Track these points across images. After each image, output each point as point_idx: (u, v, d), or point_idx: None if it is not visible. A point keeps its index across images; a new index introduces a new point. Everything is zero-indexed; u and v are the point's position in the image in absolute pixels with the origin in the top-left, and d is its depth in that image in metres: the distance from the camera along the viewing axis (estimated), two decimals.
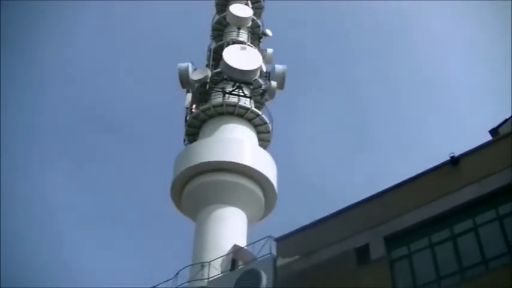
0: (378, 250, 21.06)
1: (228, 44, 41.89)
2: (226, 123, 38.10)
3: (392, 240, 21.05)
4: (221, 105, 38.57)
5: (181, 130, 40.15)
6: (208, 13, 47.46)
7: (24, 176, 78.95)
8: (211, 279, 27.00)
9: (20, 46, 69.71)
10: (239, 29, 44.22)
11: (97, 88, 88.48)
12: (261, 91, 40.83)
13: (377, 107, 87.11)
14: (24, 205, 72.11)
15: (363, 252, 21.50)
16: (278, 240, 24.89)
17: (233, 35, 43.90)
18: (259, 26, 45.99)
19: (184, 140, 39.72)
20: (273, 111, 40.82)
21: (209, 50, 43.94)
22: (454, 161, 20.96)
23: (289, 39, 70.77)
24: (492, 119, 27.99)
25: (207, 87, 40.20)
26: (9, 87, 65.90)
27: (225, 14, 44.88)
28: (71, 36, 77.43)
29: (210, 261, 28.62)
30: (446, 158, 21.18)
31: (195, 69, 40.72)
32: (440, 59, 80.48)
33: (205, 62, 42.91)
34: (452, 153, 21.10)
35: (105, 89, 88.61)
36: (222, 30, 45.41)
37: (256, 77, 40.44)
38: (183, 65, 40.62)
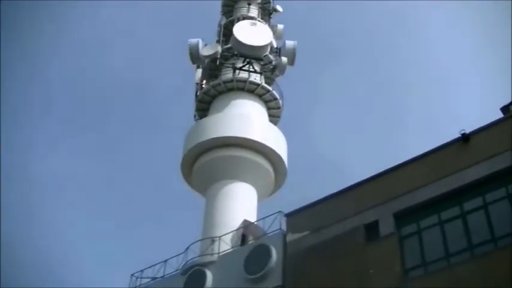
0: (387, 226, 21.19)
1: (239, 20, 41.69)
2: (236, 98, 38.06)
3: (402, 217, 21.16)
4: (231, 80, 38.52)
5: (191, 106, 40.27)
6: None
7: (31, 153, 79.58)
8: (221, 254, 27.19)
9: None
10: (249, 4, 43.93)
11: (108, 64, 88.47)
12: (272, 67, 40.79)
13: (390, 84, 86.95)
14: (26, 186, 72.66)
15: (372, 229, 21.64)
16: (288, 215, 25.06)
17: (243, 11, 43.61)
18: (269, 2, 45.66)
19: (195, 116, 39.79)
20: (283, 87, 40.89)
21: (219, 25, 43.69)
22: (465, 138, 20.95)
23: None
24: (504, 97, 27.87)
25: (217, 63, 40.13)
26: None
27: None
28: (77, 12, 77.06)
29: (220, 236, 28.77)
30: (457, 135, 21.20)
31: (205, 45, 40.64)
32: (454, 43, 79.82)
33: (216, 38, 42.76)
34: (463, 130, 21.07)
35: (115, 64, 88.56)
36: (232, 6, 45.09)
37: (267, 53, 40.38)
38: (193, 40, 40.59)
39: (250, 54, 39.20)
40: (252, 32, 39.63)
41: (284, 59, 40.35)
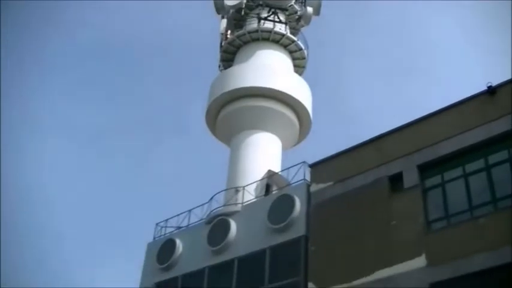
0: (411, 178, 21.15)
1: None
2: (261, 49, 37.97)
3: (426, 169, 21.11)
4: (256, 31, 38.38)
5: (216, 56, 40.24)
6: None
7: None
8: (245, 203, 27.44)
9: None
10: None
11: (131, 13, 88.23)
12: (297, 17, 40.54)
13: (418, 36, 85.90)
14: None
15: (396, 180, 21.62)
16: (312, 166, 25.13)
17: None
18: None
19: (219, 66, 39.82)
20: (308, 38, 40.66)
21: None
22: (491, 90, 20.65)
23: None
24: None
25: (242, 13, 39.95)
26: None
27: None
28: None
29: (244, 186, 29.03)
30: (483, 87, 20.95)
31: None
32: None
33: None
34: (490, 82, 20.80)
35: (140, 14, 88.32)
36: None
37: (292, 3, 40.15)
38: None
39: (275, 4, 39.02)
40: None
41: (309, 9, 40.08)
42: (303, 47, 39.18)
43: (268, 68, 36.18)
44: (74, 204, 76.26)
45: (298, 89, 35.93)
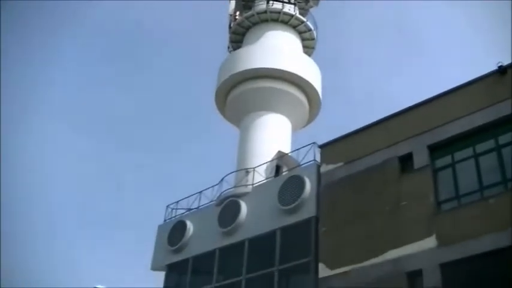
0: (421, 158, 21.12)
1: None
2: (270, 30, 37.89)
3: (436, 149, 21.07)
4: (265, 11, 38.27)
5: (225, 37, 40.17)
6: None
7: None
8: (255, 184, 27.47)
9: None
10: None
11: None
12: None
13: (428, 16, 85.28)
14: None
15: (406, 161, 21.61)
16: (322, 147, 25.12)
17: None
18: None
19: (229, 47, 39.78)
20: (317, 18, 40.51)
21: None
22: (502, 70, 20.52)
23: None
24: None
25: None
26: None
27: None
28: None
29: (254, 167, 29.03)
30: (494, 67, 20.79)
31: None
32: None
33: None
34: (500, 62, 20.69)
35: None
36: None
37: None
38: None
39: None
40: None
41: None
42: (312, 28, 39.06)
43: (277, 49, 36.11)
44: (84, 186, 76.58)
45: (307, 69, 35.86)
